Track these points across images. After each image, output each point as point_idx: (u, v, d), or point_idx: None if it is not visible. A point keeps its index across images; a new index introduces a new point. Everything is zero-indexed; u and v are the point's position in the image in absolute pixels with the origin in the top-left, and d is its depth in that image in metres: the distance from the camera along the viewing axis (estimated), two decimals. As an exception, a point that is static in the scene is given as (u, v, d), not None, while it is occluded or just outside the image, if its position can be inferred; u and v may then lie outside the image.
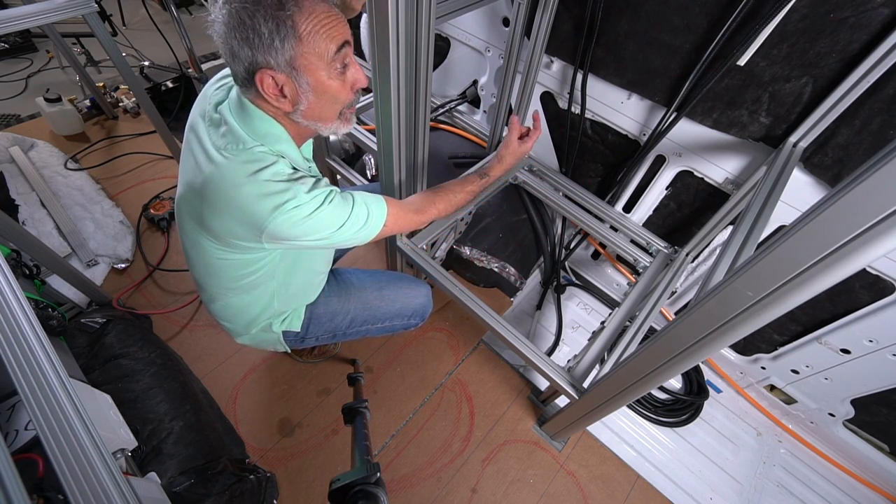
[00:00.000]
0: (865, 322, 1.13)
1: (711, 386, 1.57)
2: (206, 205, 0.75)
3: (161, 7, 2.99)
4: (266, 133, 0.75)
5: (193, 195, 0.77)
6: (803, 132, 0.97)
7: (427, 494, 1.25)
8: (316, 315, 1.08)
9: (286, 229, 0.74)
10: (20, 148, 1.89)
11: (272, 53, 0.65)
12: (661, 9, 1.05)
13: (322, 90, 0.72)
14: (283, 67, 0.67)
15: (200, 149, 0.77)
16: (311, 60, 0.68)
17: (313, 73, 0.70)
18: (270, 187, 0.72)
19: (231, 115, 0.75)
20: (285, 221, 0.73)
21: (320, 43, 0.67)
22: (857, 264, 0.44)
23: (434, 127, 1.71)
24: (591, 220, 1.45)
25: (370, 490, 0.67)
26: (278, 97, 0.71)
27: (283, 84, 0.69)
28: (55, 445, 0.54)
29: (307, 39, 0.66)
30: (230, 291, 0.94)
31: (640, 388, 0.87)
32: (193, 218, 0.80)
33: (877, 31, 0.82)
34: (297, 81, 0.70)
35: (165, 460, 1.03)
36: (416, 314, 1.18)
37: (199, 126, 0.79)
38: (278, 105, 0.72)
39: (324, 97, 0.73)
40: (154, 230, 1.78)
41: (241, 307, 0.98)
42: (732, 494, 1.35)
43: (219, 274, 0.90)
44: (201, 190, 0.75)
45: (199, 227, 0.80)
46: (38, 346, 0.61)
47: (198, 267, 0.91)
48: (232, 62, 0.68)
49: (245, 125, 0.74)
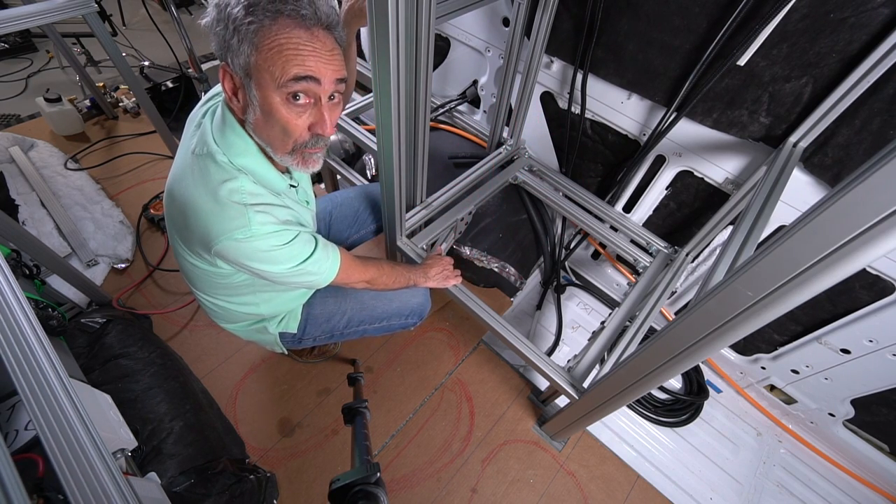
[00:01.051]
0: (865, 322, 1.13)
1: (711, 386, 1.57)
2: (172, 206, 0.76)
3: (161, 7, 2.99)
4: (232, 143, 0.72)
5: (167, 196, 0.79)
6: (803, 132, 0.97)
7: (427, 494, 1.25)
8: (313, 316, 1.08)
9: (232, 255, 0.72)
10: (20, 148, 1.89)
11: (230, 52, 0.65)
12: (661, 9, 1.05)
13: (269, 111, 0.68)
14: (237, 70, 0.66)
15: (181, 149, 0.78)
16: (262, 75, 0.65)
17: (262, 89, 0.66)
18: (224, 209, 0.70)
19: (209, 119, 0.75)
20: (230, 248, 0.71)
21: (277, 62, 0.64)
22: (857, 264, 0.44)
23: (434, 127, 1.71)
24: (591, 220, 1.45)
25: (370, 490, 0.67)
26: (232, 98, 0.71)
27: (237, 87, 0.69)
28: (55, 445, 0.54)
29: (265, 53, 0.64)
30: (212, 296, 0.94)
31: (640, 388, 0.87)
32: (168, 220, 0.82)
33: (877, 31, 0.82)
34: (248, 88, 0.67)
35: (165, 460, 1.03)
36: (413, 313, 1.18)
37: (188, 131, 0.80)
38: (233, 106, 0.72)
39: (271, 120, 0.69)
40: (154, 230, 1.78)
41: (227, 309, 0.98)
42: (732, 494, 1.35)
43: (194, 280, 0.90)
44: (169, 190, 0.76)
45: (172, 230, 0.81)
46: (38, 346, 0.61)
47: (181, 270, 0.92)
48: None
49: (216, 130, 0.73)
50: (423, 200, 1.31)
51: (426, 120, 0.99)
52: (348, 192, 1.30)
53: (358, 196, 1.29)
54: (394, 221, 1.17)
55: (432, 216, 1.34)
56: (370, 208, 1.28)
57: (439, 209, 1.34)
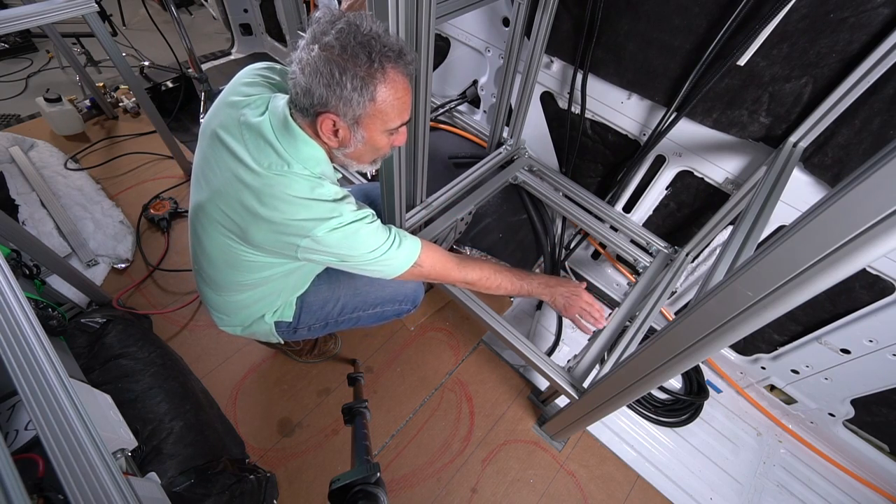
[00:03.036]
0: (865, 322, 1.13)
1: (711, 386, 1.57)
2: (248, 215, 0.79)
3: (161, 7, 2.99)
4: (308, 156, 0.79)
5: (230, 204, 0.81)
6: (803, 132, 0.97)
7: (427, 494, 1.25)
8: (307, 304, 1.08)
9: (325, 245, 0.80)
10: (20, 148, 1.89)
11: (345, 105, 0.71)
12: (661, 9, 1.05)
13: (372, 145, 0.79)
14: (348, 119, 0.73)
15: (235, 160, 0.80)
16: (375, 122, 0.75)
17: (371, 132, 0.76)
18: (319, 207, 0.78)
19: (273, 135, 0.78)
20: (327, 237, 0.79)
21: (390, 113, 0.74)
22: (857, 264, 0.44)
23: (434, 127, 1.71)
24: (591, 220, 1.45)
25: (370, 490, 0.67)
26: (330, 136, 0.77)
27: (340, 128, 0.75)
28: (55, 445, 0.54)
29: (381, 106, 0.72)
30: (244, 287, 0.96)
31: (640, 388, 0.87)
32: (225, 224, 0.84)
33: (877, 31, 0.82)
34: (354, 132, 0.76)
35: (165, 460, 1.03)
36: (407, 299, 1.17)
37: (226, 138, 0.82)
38: (326, 141, 0.78)
39: (370, 149, 0.81)
40: (154, 230, 1.78)
41: (246, 303, 1.00)
42: (732, 494, 1.35)
43: (242, 269, 0.92)
44: (243, 200, 0.79)
45: (231, 233, 0.84)
46: (38, 346, 0.61)
47: (218, 263, 0.92)
48: (302, 95, 0.72)
49: (289, 146, 0.78)
50: (423, 200, 1.31)
51: (426, 120, 1.00)
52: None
53: (358, 196, 1.28)
54: (394, 221, 1.16)
55: (432, 216, 1.34)
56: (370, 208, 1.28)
57: (439, 209, 1.34)
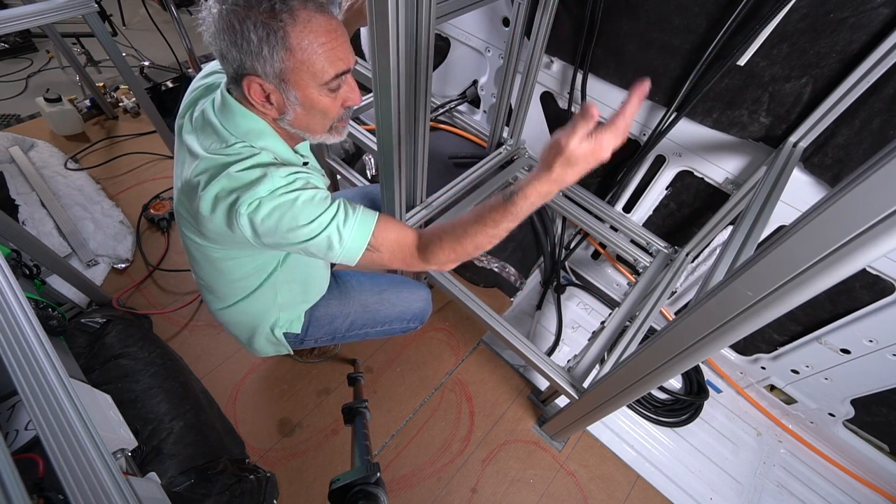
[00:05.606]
0: (865, 322, 1.13)
1: (711, 386, 1.57)
2: (192, 206, 0.73)
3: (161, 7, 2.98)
4: (248, 130, 0.72)
5: (184, 198, 0.75)
6: (803, 132, 0.97)
7: (427, 494, 1.25)
8: (315, 318, 1.08)
9: (260, 217, 0.67)
10: (20, 148, 1.89)
11: (260, 62, 0.63)
12: (661, 9, 1.05)
13: (311, 105, 0.70)
14: (270, 77, 0.65)
15: (187, 150, 0.75)
16: (302, 77, 0.65)
17: (303, 89, 0.67)
18: (245, 176, 0.67)
19: (214, 114, 0.73)
20: (257, 210, 0.67)
21: (316, 63, 0.64)
22: (857, 264, 0.44)
23: (434, 127, 1.71)
24: (591, 220, 1.45)
25: (370, 490, 0.67)
26: (264, 104, 0.69)
27: (270, 92, 0.67)
28: (55, 445, 0.54)
29: (300, 56, 0.63)
30: (238, 291, 0.93)
31: (640, 388, 0.87)
32: (190, 221, 0.79)
33: (877, 31, 0.82)
34: (286, 93, 0.67)
35: (165, 460, 1.03)
36: (415, 318, 1.18)
37: (185, 134, 0.77)
38: (264, 111, 0.71)
39: (312, 111, 0.71)
40: (154, 230, 1.78)
41: (247, 309, 0.97)
42: (732, 494, 1.35)
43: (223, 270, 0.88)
44: (188, 191, 0.73)
45: (194, 230, 0.79)
46: (38, 346, 0.61)
47: (205, 269, 0.89)
48: (222, 62, 0.66)
49: (227, 122, 0.72)
50: (423, 200, 1.31)
51: (426, 120, 0.99)
52: (348, 192, 1.30)
53: (358, 196, 1.29)
54: (394, 221, 1.17)
55: (432, 216, 1.34)
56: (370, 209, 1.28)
57: (439, 209, 1.34)
